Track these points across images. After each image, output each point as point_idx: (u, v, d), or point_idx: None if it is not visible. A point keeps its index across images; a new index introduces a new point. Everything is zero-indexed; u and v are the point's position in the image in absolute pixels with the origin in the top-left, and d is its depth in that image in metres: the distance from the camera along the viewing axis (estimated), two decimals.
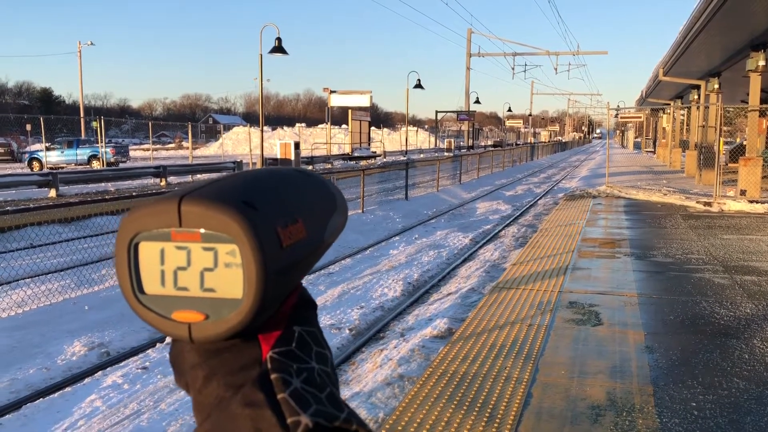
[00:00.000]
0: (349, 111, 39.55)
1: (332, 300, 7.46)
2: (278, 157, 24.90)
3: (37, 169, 28.44)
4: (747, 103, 17.71)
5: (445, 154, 37.89)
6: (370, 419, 4.06)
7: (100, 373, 5.27)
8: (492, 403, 3.77)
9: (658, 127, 45.84)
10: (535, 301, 6.04)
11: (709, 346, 4.83)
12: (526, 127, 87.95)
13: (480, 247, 10.92)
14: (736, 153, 18.08)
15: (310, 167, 25.85)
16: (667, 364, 4.43)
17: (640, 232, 10.51)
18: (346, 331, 6.29)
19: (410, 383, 4.54)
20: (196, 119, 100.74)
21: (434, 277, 8.78)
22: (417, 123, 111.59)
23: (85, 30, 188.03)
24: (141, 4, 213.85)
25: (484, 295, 6.62)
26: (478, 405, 3.73)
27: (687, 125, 28.77)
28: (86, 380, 5.12)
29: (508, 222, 14.13)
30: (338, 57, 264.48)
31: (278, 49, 23.02)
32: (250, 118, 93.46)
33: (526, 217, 14.99)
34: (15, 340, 5.86)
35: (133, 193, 15.68)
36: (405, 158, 31.20)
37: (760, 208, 13.32)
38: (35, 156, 30.04)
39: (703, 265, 7.83)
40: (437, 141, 62.01)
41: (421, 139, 68.15)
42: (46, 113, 51.11)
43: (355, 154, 36.64)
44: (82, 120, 45.87)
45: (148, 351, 5.72)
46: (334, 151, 41.19)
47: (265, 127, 39.75)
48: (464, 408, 3.69)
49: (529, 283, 6.83)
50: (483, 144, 65.34)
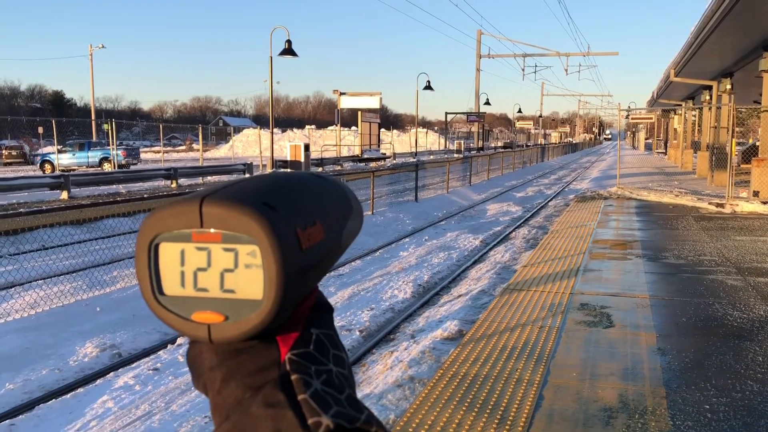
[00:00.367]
0: (359, 113, 39.65)
1: (342, 302, 7.46)
2: (288, 158, 24.98)
3: (49, 171, 28.70)
4: (759, 104, 17.59)
5: (455, 155, 37.85)
6: (381, 421, 4.05)
7: (111, 374, 5.30)
8: (503, 405, 3.75)
9: (670, 128, 45.59)
10: (546, 303, 6.01)
11: (722, 348, 4.79)
12: (536, 129, 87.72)
13: (490, 249, 10.89)
14: (749, 154, 17.92)
15: (320, 169, 25.92)
16: (679, 367, 4.40)
17: (652, 234, 10.45)
18: (357, 333, 6.29)
19: (421, 385, 4.53)
20: (206, 121, 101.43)
21: (444, 278, 8.76)
22: (427, 125, 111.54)
23: (97, 33, 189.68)
24: (152, 7, 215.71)
25: (495, 296, 6.60)
26: (489, 407, 3.72)
27: (699, 126, 28.58)
28: (98, 381, 5.16)
29: (519, 223, 14.08)
30: (348, 59, 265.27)
31: (288, 51, 23.13)
32: (260, 120, 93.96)
33: (537, 219, 14.93)
34: (28, 341, 5.90)
35: (145, 195, 15.78)
36: (415, 160, 31.21)
37: None
38: (47, 158, 30.35)
39: (716, 266, 7.78)
40: (447, 143, 61.93)
41: (430, 141, 68.12)
42: (57, 116, 51.61)
43: (365, 156, 36.72)
44: (93, 122, 46.17)
45: (160, 352, 5.74)
46: (344, 152, 41.27)
47: (275, 129, 39.88)
48: (475, 410, 3.68)
49: (540, 284, 6.80)
50: (493, 145, 65.24)
